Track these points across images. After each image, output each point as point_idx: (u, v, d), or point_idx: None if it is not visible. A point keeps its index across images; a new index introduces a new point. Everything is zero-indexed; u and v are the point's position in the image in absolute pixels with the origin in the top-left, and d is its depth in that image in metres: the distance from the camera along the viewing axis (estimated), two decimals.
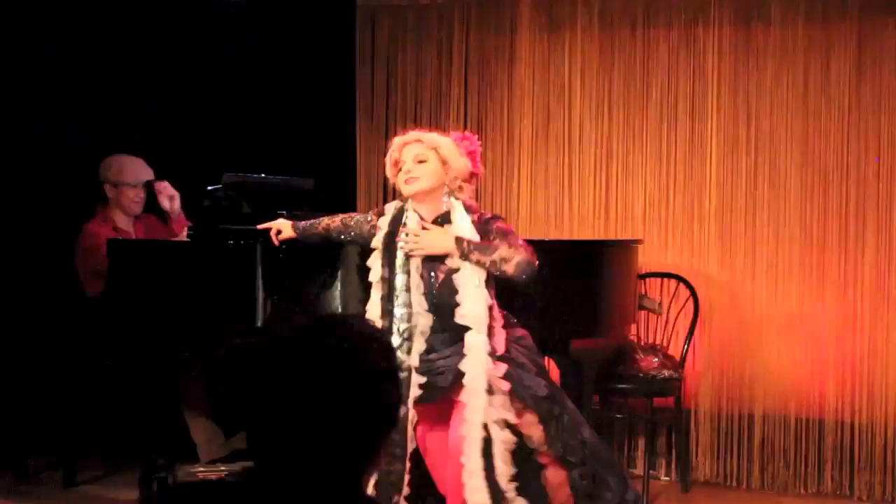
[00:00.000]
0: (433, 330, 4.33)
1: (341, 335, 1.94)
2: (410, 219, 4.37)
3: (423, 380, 4.32)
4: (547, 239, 6.44)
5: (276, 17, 7.11)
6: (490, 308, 4.26)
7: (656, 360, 5.90)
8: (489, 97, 6.74)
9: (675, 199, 6.35)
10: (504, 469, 4.19)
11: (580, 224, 6.53)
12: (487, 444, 4.18)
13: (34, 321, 6.25)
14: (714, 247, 6.28)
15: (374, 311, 4.36)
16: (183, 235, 5.55)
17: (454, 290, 4.27)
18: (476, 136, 4.61)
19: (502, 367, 4.24)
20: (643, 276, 6.14)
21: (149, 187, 6.16)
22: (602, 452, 4.44)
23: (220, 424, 5.86)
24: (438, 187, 4.34)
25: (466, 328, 4.24)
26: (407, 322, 4.31)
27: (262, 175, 6.13)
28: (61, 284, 6.19)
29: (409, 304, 4.31)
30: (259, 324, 5.11)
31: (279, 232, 4.79)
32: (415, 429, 4.39)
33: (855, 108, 6.03)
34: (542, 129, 6.59)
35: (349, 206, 6.68)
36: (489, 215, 4.40)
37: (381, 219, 4.47)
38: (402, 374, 4.25)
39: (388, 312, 4.33)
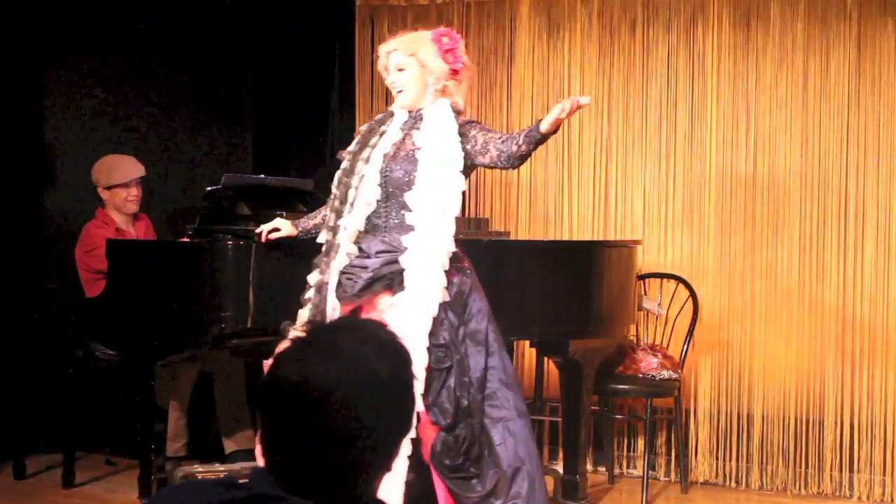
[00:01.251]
0: (374, 229, 4.23)
1: (361, 338, 1.93)
2: (397, 116, 4.35)
3: (354, 249, 4.23)
4: (546, 239, 6.46)
5: (276, 16, 7.11)
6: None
7: (655, 360, 5.90)
8: (488, 97, 6.74)
9: (674, 199, 6.36)
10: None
11: (579, 224, 6.53)
12: None
13: (33, 320, 6.25)
14: (713, 247, 6.28)
15: (334, 181, 4.34)
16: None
17: (411, 169, 4.20)
18: (455, 31, 4.43)
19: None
20: (643, 277, 6.14)
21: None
22: (497, 441, 4.13)
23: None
24: (423, 91, 4.30)
25: (405, 233, 4.13)
26: (355, 188, 4.26)
27: (262, 176, 6.13)
28: (62, 283, 6.20)
29: (361, 174, 4.26)
30: (249, 324, 5.11)
31: (276, 230, 4.74)
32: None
33: (854, 108, 6.03)
34: None
35: None
36: (470, 119, 4.36)
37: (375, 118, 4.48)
38: (337, 239, 4.23)
39: (343, 184, 4.30)
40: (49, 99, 6.41)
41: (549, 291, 5.25)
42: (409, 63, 4.28)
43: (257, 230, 4.83)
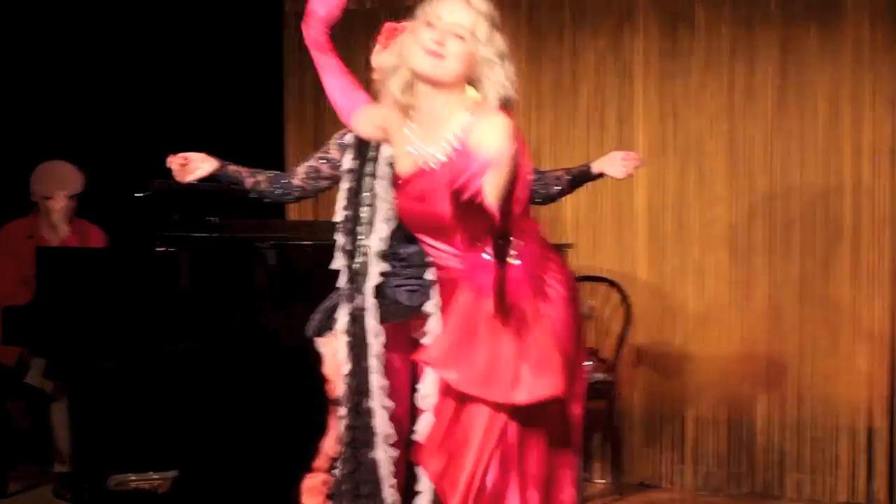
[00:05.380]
0: (402, 238, 3.91)
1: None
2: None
3: (386, 267, 3.94)
4: None
5: (204, 22, 7.05)
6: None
7: (588, 363, 5.92)
8: None
9: (604, 202, 6.38)
10: None
11: None
12: None
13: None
14: (643, 250, 6.32)
15: (339, 203, 4.05)
16: None
17: None
18: None
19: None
20: None
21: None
22: None
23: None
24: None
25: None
26: (369, 206, 3.99)
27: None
28: None
29: (373, 190, 3.98)
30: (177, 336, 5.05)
31: (196, 167, 4.17)
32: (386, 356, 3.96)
33: (779, 110, 6.11)
34: None
35: (279, 210, 6.62)
36: None
37: None
38: (360, 260, 3.97)
39: (353, 203, 4.01)
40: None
41: None
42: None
43: (169, 162, 4.14)
